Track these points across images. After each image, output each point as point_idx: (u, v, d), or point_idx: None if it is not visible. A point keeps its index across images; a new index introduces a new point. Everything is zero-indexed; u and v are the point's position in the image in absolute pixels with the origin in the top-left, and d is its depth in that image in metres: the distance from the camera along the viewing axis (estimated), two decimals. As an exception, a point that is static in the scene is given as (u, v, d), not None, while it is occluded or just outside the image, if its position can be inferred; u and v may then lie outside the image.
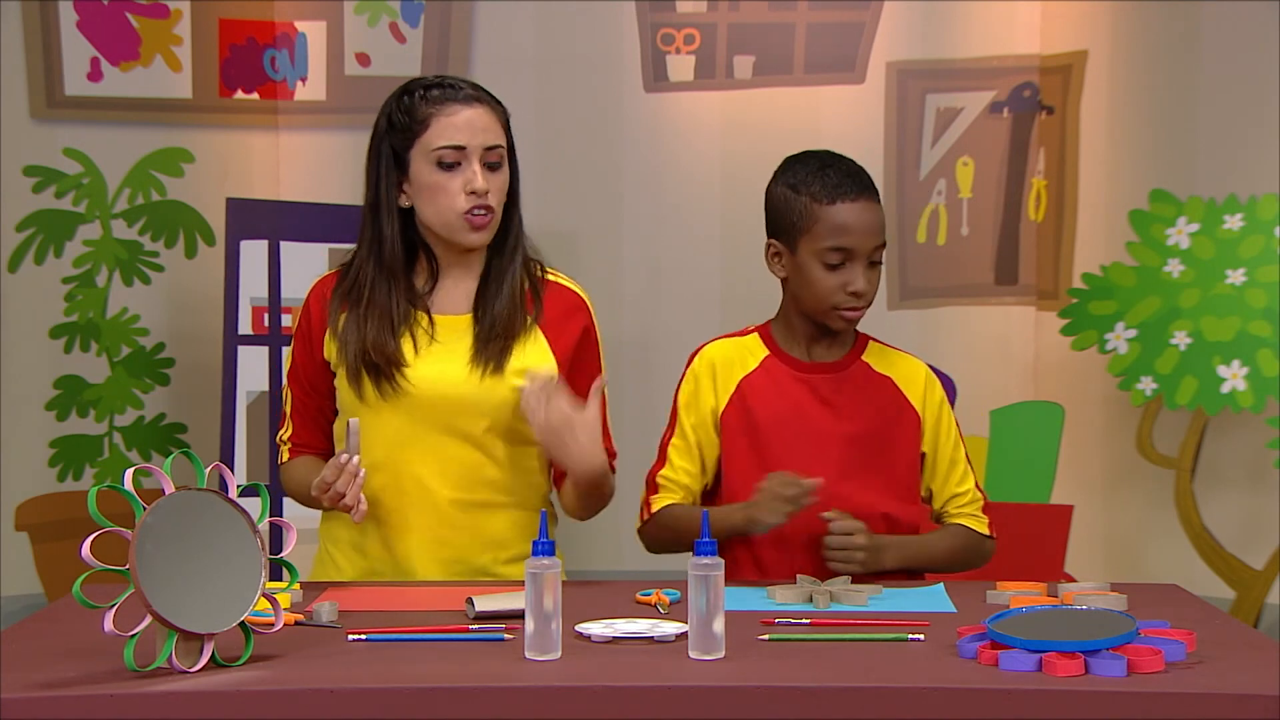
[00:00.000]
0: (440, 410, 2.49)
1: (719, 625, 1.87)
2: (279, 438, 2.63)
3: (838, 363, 2.58)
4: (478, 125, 2.49)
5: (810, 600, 2.23)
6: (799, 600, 2.24)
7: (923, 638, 1.97)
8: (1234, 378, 3.37)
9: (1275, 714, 1.68)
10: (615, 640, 1.96)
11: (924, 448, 2.58)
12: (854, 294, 2.50)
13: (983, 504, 2.63)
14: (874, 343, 2.63)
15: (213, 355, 3.61)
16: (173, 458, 1.93)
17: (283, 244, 3.57)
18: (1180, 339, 3.43)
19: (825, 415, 2.55)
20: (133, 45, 3.71)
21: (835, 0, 3.78)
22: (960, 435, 2.64)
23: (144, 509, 1.80)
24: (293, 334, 2.62)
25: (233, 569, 1.87)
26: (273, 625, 1.90)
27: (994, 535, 2.63)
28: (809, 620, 2.07)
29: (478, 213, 2.48)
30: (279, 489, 2.70)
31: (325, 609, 2.11)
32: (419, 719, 1.72)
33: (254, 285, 3.55)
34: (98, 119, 3.69)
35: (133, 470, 1.89)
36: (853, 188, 2.52)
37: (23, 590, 3.60)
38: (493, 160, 2.50)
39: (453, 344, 2.52)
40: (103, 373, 3.70)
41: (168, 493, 1.83)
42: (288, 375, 2.61)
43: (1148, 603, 2.20)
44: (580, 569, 2.94)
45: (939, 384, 2.63)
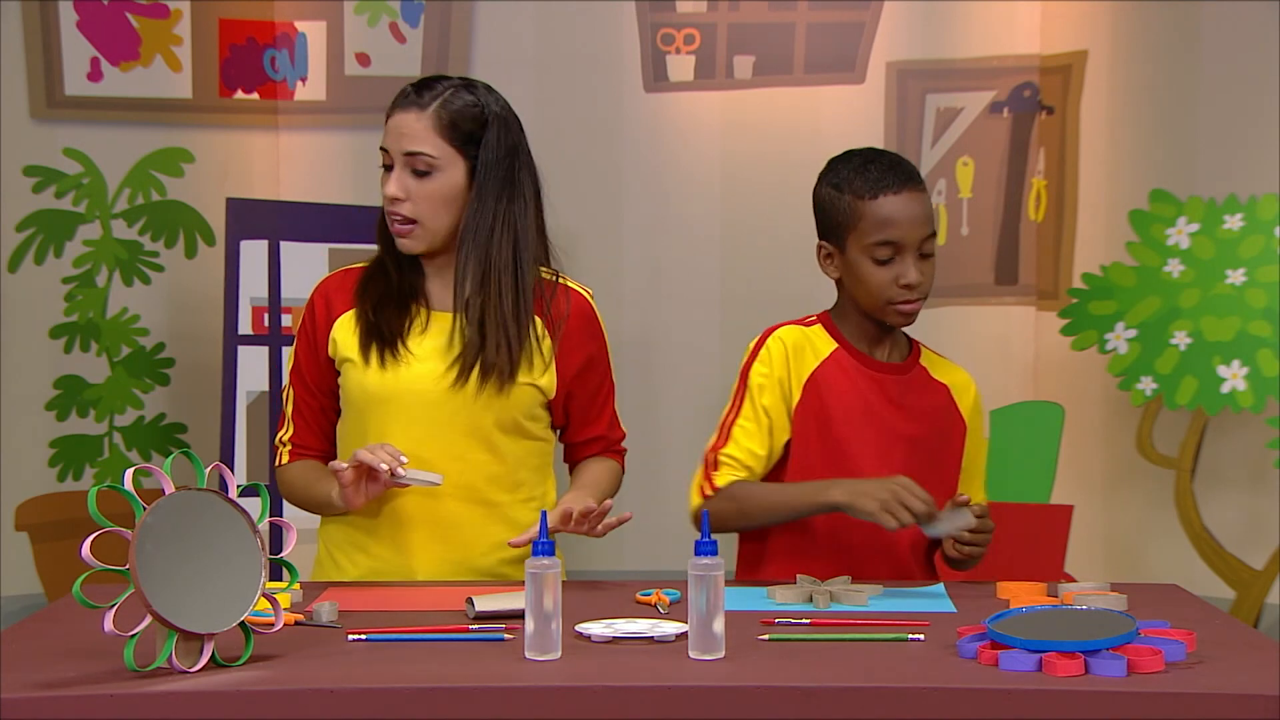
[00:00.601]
0: (441, 408, 2.49)
1: (719, 625, 1.87)
2: (278, 439, 2.62)
3: (902, 364, 2.59)
4: (401, 130, 2.48)
5: (810, 600, 2.23)
6: (799, 600, 2.24)
7: (923, 638, 1.97)
8: (1234, 378, 3.37)
9: (1275, 714, 1.68)
10: (615, 640, 1.96)
11: (963, 459, 2.61)
12: (906, 286, 2.49)
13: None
14: (925, 349, 2.64)
15: (213, 355, 3.61)
16: (173, 458, 1.92)
17: (283, 244, 3.57)
18: (1180, 339, 3.43)
19: (894, 415, 2.55)
20: (133, 45, 3.71)
21: (835, 0, 3.78)
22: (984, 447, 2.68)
23: (144, 509, 1.80)
24: (295, 333, 2.62)
25: (233, 569, 1.87)
26: (273, 625, 1.90)
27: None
28: (809, 620, 2.07)
29: (394, 219, 2.49)
30: (278, 490, 2.69)
31: (325, 609, 2.11)
32: (419, 719, 1.72)
33: (254, 285, 3.55)
34: (98, 119, 3.69)
35: (133, 470, 1.89)
36: (894, 180, 2.50)
37: (23, 590, 3.60)
38: (417, 167, 2.46)
39: (438, 342, 2.52)
40: (103, 373, 3.70)
41: (168, 493, 1.83)
42: (290, 374, 2.60)
43: (1148, 603, 2.20)
44: (580, 569, 2.94)
45: (979, 399, 2.66)
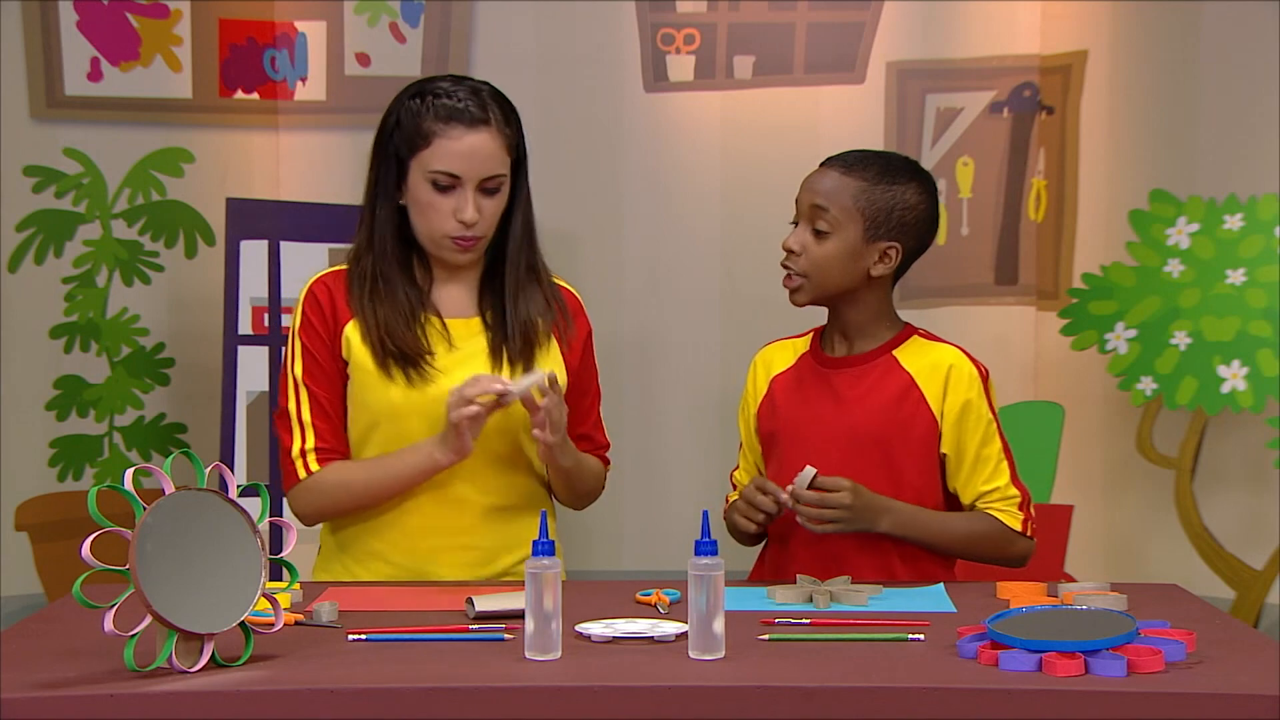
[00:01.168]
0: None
1: (719, 625, 1.87)
2: (295, 451, 2.48)
3: (858, 357, 2.55)
4: (479, 154, 2.45)
5: (810, 600, 2.23)
6: (799, 600, 2.24)
7: (923, 638, 1.97)
8: (1234, 378, 3.37)
9: (1275, 714, 1.68)
10: (615, 640, 1.96)
11: (944, 449, 2.52)
12: (784, 249, 2.52)
13: (1020, 501, 2.53)
14: (917, 335, 2.58)
15: (213, 355, 3.61)
16: (173, 458, 1.92)
17: (283, 244, 3.57)
18: (1180, 339, 3.42)
19: (832, 412, 2.53)
20: (133, 45, 3.71)
21: (835, 0, 3.78)
22: (996, 432, 2.53)
23: (144, 509, 1.80)
24: (293, 336, 2.54)
25: (233, 569, 1.87)
26: (273, 625, 1.90)
27: (1031, 536, 2.54)
28: (809, 620, 2.07)
29: (463, 240, 2.48)
30: (279, 490, 2.66)
31: (325, 609, 2.11)
32: (419, 719, 1.72)
33: (254, 285, 3.54)
34: (98, 119, 3.69)
35: (133, 470, 1.89)
36: (831, 158, 2.54)
37: (23, 590, 3.60)
38: (489, 187, 2.47)
39: (470, 349, 2.52)
40: (103, 373, 3.70)
41: (168, 493, 1.83)
42: (302, 377, 2.50)
43: (1148, 603, 2.20)
44: (580, 569, 2.95)
45: (968, 382, 2.52)
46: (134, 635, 1.79)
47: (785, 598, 2.24)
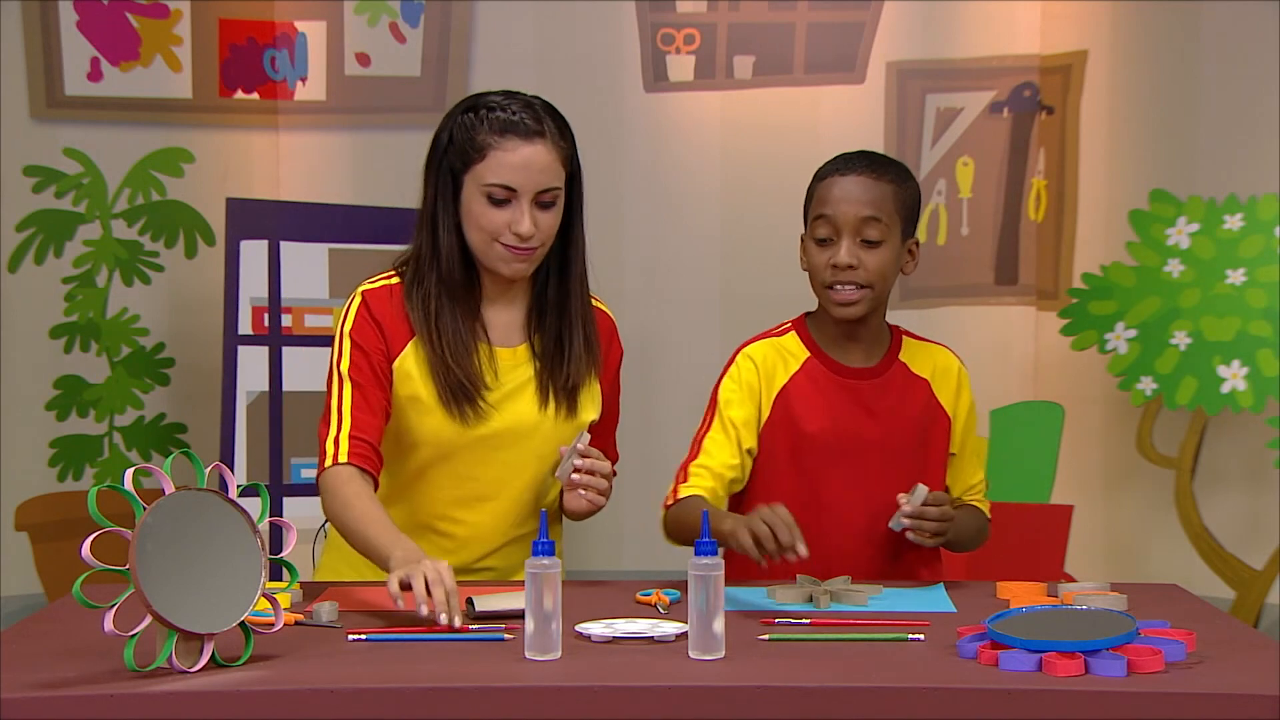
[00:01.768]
0: (517, 449, 2.48)
1: (719, 625, 1.87)
2: (329, 438, 2.40)
3: (877, 366, 2.55)
4: (535, 166, 2.40)
5: (810, 600, 2.23)
6: (799, 600, 2.24)
7: (923, 638, 1.97)
8: (1234, 378, 3.37)
9: (1275, 714, 1.68)
10: (615, 640, 1.96)
11: (952, 448, 2.57)
12: (836, 267, 2.45)
13: (985, 489, 2.66)
14: (908, 338, 2.59)
15: (213, 355, 3.61)
16: (173, 458, 1.92)
17: (283, 244, 3.57)
18: (1180, 339, 3.43)
19: (867, 425, 2.52)
20: (133, 45, 3.71)
21: (835, 0, 3.78)
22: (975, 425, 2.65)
23: (144, 509, 1.80)
24: (341, 336, 2.46)
25: (233, 569, 1.87)
26: (273, 625, 1.90)
27: (990, 517, 2.66)
28: (809, 620, 2.07)
29: (519, 253, 2.43)
30: (279, 490, 2.66)
31: (325, 609, 2.11)
32: (419, 719, 1.72)
33: (254, 285, 3.55)
34: (98, 119, 3.69)
35: (133, 470, 1.89)
36: (844, 164, 2.49)
37: (23, 590, 3.60)
38: (545, 200, 2.42)
39: (515, 381, 2.49)
40: (103, 373, 3.70)
41: (168, 493, 1.83)
42: (345, 374, 2.43)
43: (1148, 603, 2.20)
44: (580, 569, 2.95)
45: (967, 381, 2.61)
46: (134, 635, 1.79)
47: (785, 598, 2.24)
